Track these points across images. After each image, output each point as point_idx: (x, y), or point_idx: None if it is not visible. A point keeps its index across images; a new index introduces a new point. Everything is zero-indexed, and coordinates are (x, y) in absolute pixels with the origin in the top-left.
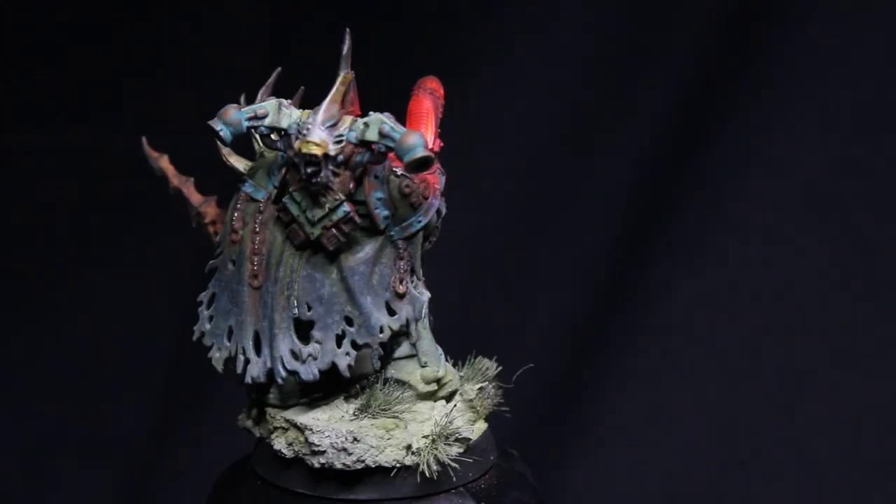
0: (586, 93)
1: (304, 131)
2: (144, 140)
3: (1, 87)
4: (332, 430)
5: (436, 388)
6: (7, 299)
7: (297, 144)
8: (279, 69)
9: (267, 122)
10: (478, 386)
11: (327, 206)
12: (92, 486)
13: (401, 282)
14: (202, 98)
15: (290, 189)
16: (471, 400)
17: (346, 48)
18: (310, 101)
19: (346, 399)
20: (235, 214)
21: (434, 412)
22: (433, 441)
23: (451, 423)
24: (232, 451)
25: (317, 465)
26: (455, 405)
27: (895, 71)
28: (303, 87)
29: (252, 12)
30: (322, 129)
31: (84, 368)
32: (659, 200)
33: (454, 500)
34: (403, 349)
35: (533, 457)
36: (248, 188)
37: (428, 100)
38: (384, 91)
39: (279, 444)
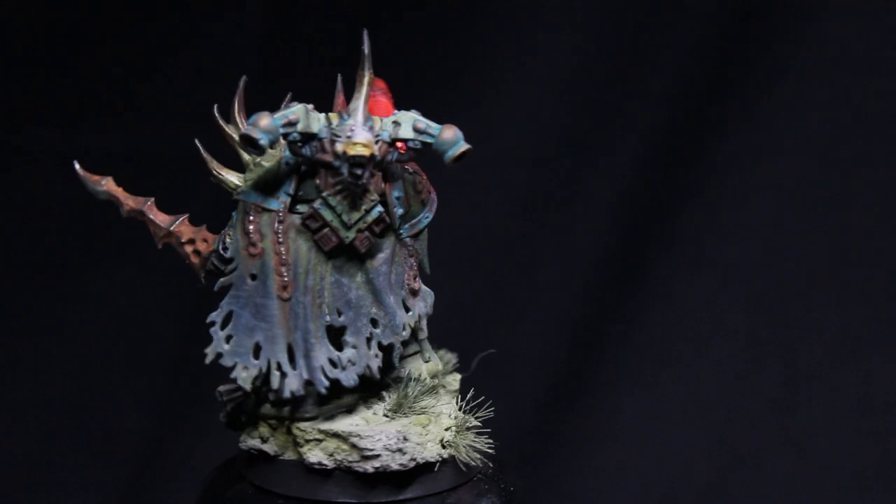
0: (586, 93)
1: (349, 133)
2: (78, 165)
3: (1, 88)
4: (381, 432)
5: (437, 381)
6: (7, 299)
7: (341, 147)
8: (245, 78)
9: (300, 127)
10: (458, 376)
11: (363, 208)
12: (92, 487)
13: (414, 279)
14: (202, 98)
15: (325, 194)
16: (455, 391)
17: (367, 49)
18: (309, 102)
19: (366, 403)
20: (251, 227)
21: (440, 405)
22: (457, 432)
23: (465, 413)
24: (232, 452)
25: (370, 470)
26: (470, 396)
27: (894, 71)
28: (291, 93)
29: (252, 16)
30: (366, 129)
31: (84, 369)
32: (659, 201)
33: (481, 486)
34: (410, 347)
35: (532, 455)
36: (257, 199)
37: (385, 98)
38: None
39: (316, 456)
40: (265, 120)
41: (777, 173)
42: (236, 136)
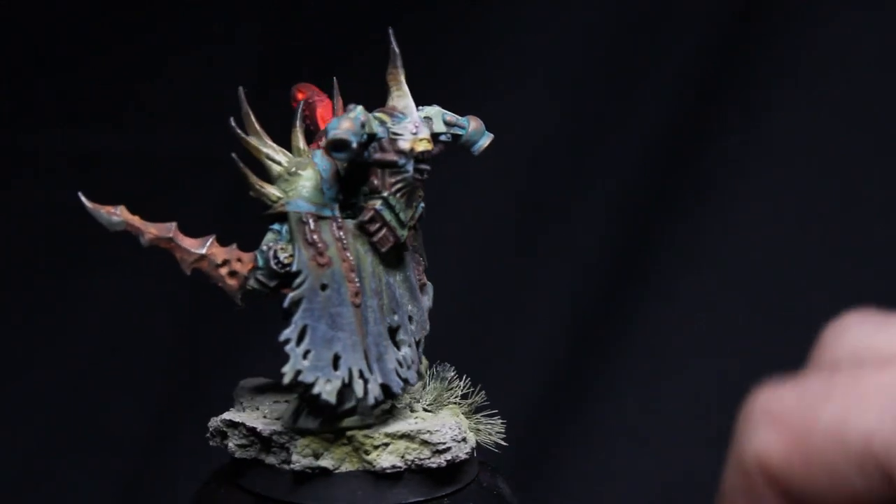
0: (586, 93)
1: (413, 130)
2: (85, 198)
3: (2, 88)
4: (444, 425)
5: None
6: (7, 300)
7: (408, 145)
8: (243, 89)
9: (367, 129)
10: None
11: (414, 204)
12: (91, 487)
13: (423, 272)
14: (202, 100)
15: (385, 194)
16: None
17: (396, 47)
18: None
19: (398, 402)
20: (315, 237)
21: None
22: (468, 418)
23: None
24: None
25: (443, 464)
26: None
27: (894, 72)
28: (303, 101)
29: (251, 18)
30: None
31: (83, 370)
32: (659, 201)
33: (489, 468)
34: None
35: (532, 455)
36: (310, 208)
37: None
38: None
39: (388, 460)
40: (347, 122)
41: (778, 173)
42: (263, 148)
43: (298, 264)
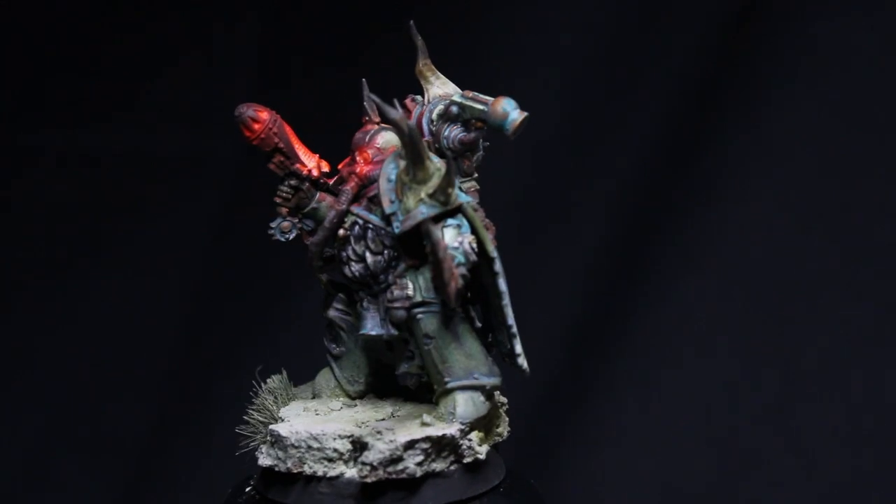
0: (587, 93)
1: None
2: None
3: (2, 88)
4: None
5: None
6: (7, 300)
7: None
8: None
9: None
10: None
11: None
12: (92, 487)
13: None
14: (202, 100)
15: (476, 175)
16: None
17: (420, 40)
18: (313, 103)
19: None
20: (486, 221)
21: None
22: None
23: None
24: (233, 453)
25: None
26: None
27: (894, 72)
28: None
29: (251, 18)
30: None
31: (84, 370)
32: (659, 201)
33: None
34: None
35: (531, 455)
36: (468, 197)
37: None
38: (386, 92)
39: (506, 430)
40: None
41: (777, 173)
42: (428, 150)
43: (494, 249)
